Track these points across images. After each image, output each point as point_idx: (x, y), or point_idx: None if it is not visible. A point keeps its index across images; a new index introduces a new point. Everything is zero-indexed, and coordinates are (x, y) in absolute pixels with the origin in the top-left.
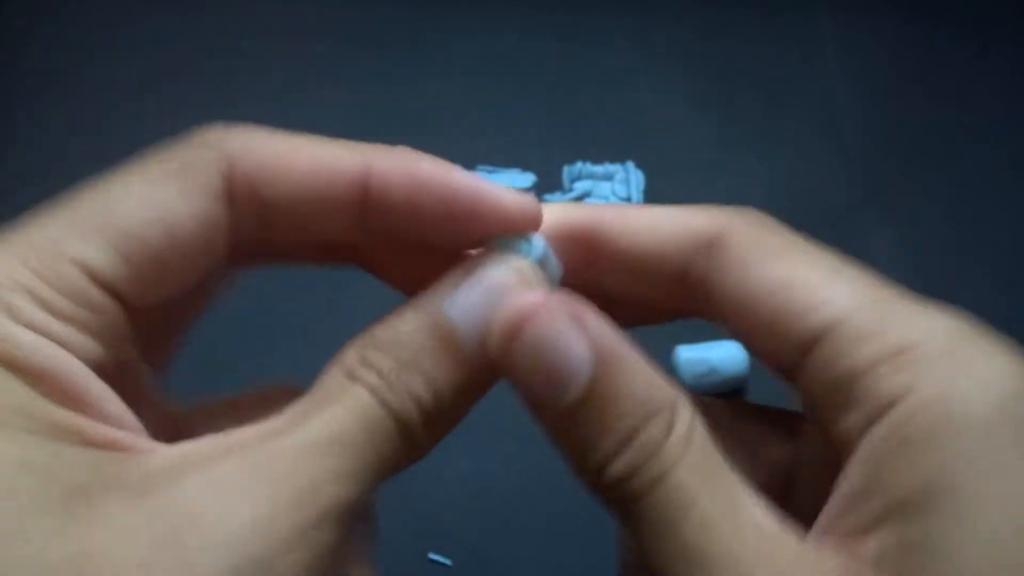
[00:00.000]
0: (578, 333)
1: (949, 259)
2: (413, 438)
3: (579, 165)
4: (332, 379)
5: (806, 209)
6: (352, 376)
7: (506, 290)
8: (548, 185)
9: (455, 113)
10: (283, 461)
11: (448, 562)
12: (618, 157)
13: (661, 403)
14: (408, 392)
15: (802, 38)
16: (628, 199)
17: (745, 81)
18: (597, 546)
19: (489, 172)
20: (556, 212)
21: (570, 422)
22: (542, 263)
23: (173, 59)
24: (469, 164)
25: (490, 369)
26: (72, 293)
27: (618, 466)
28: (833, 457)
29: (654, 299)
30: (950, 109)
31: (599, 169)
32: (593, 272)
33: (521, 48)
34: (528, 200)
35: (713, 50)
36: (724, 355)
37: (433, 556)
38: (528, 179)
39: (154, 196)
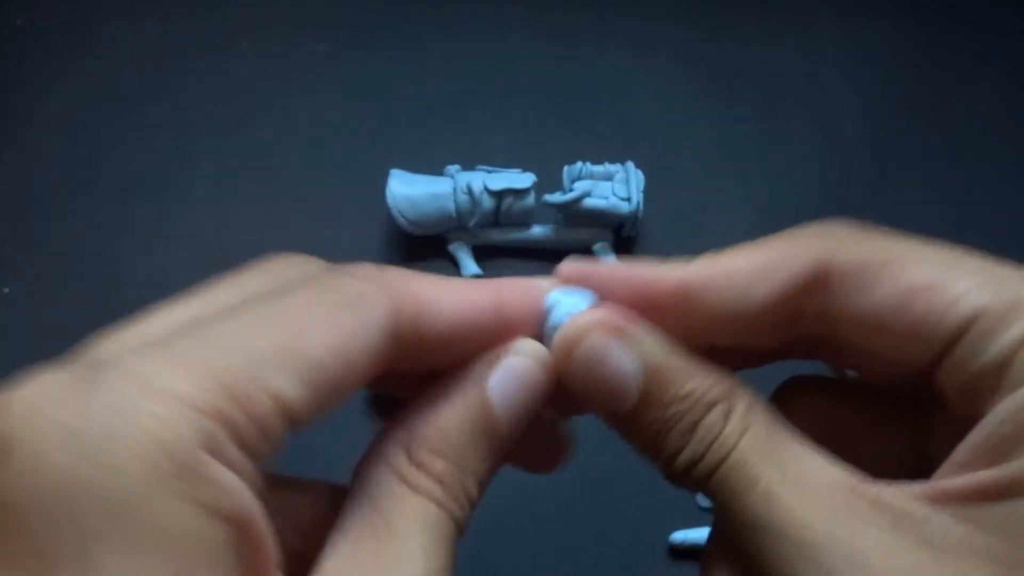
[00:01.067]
0: (623, 346)
1: None
2: (463, 530)
3: (579, 165)
4: (389, 488)
5: (806, 210)
6: (408, 483)
7: (538, 381)
8: (548, 185)
9: (455, 113)
10: None
11: None
12: (618, 157)
13: (716, 396)
14: (464, 493)
15: (802, 38)
16: (628, 199)
17: (745, 81)
18: (597, 546)
19: (489, 172)
20: (640, 276)
21: (634, 425)
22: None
23: (173, 59)
24: (469, 164)
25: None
26: (264, 428)
27: (684, 458)
28: None
29: (763, 347)
30: (950, 109)
31: (599, 169)
32: (694, 334)
33: (521, 48)
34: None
35: (713, 50)
36: None
37: None
38: (528, 179)
39: (338, 325)
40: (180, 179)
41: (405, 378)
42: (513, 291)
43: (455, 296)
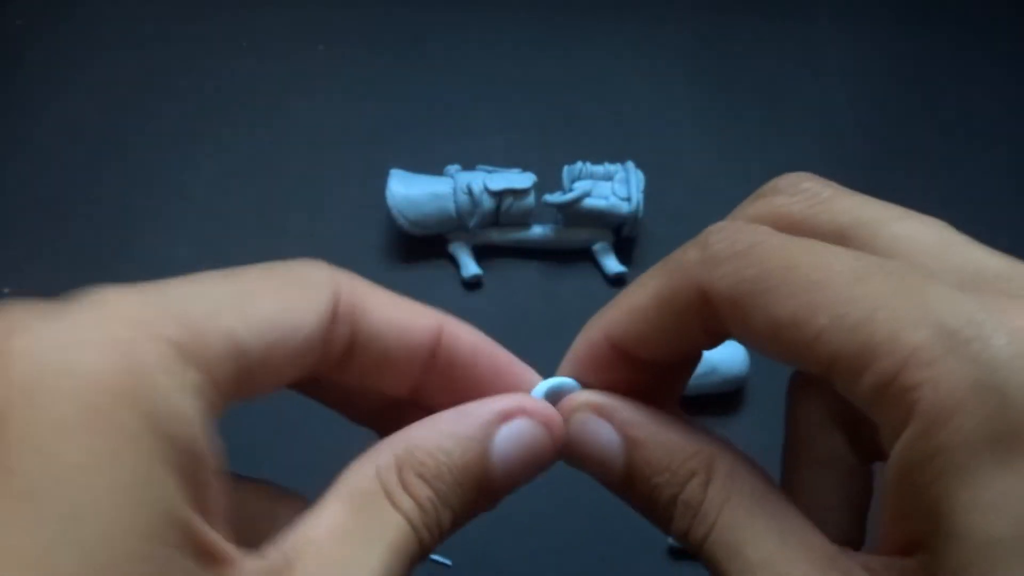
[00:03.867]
0: (602, 422)
1: None
2: (424, 557)
3: (579, 165)
4: (372, 496)
5: None
6: (391, 498)
7: (544, 447)
8: (548, 185)
9: (455, 113)
10: None
11: (448, 562)
12: (618, 157)
13: (694, 466)
14: (438, 523)
15: (802, 39)
16: (628, 199)
17: (745, 81)
18: (597, 546)
19: (489, 172)
20: (584, 348)
21: (629, 495)
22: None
23: (173, 59)
24: (469, 164)
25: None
26: (218, 360)
27: (675, 528)
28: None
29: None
30: (950, 110)
31: (599, 169)
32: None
33: (521, 48)
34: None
35: (713, 51)
36: (725, 355)
37: (433, 556)
38: (528, 179)
39: (286, 293)
40: (180, 179)
41: (346, 393)
42: (455, 324)
43: (397, 309)
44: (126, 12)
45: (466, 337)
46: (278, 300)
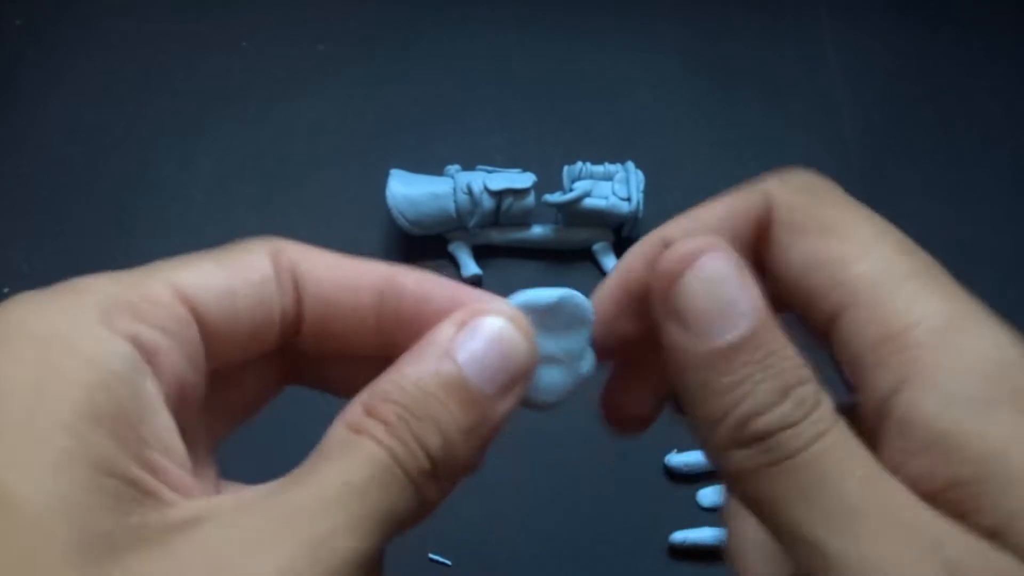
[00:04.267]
0: (748, 279)
1: (949, 260)
2: (424, 488)
3: (579, 165)
4: (338, 434)
5: None
6: (358, 429)
7: (511, 338)
8: (548, 185)
9: (455, 113)
10: (298, 514)
11: (448, 562)
12: (618, 157)
13: (811, 374)
14: (417, 440)
15: (802, 38)
16: (628, 199)
17: (745, 81)
18: (598, 546)
19: (489, 172)
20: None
21: (718, 367)
22: (554, 309)
23: (173, 59)
24: (469, 164)
25: (497, 411)
26: (160, 304)
27: (769, 420)
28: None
29: None
30: (950, 109)
31: (599, 169)
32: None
33: (521, 48)
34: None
35: (713, 50)
36: None
37: (433, 556)
38: (528, 179)
39: (221, 262)
40: (180, 179)
41: (322, 367)
42: (409, 279)
43: (339, 265)
44: (126, 12)
45: (414, 283)
46: (217, 260)
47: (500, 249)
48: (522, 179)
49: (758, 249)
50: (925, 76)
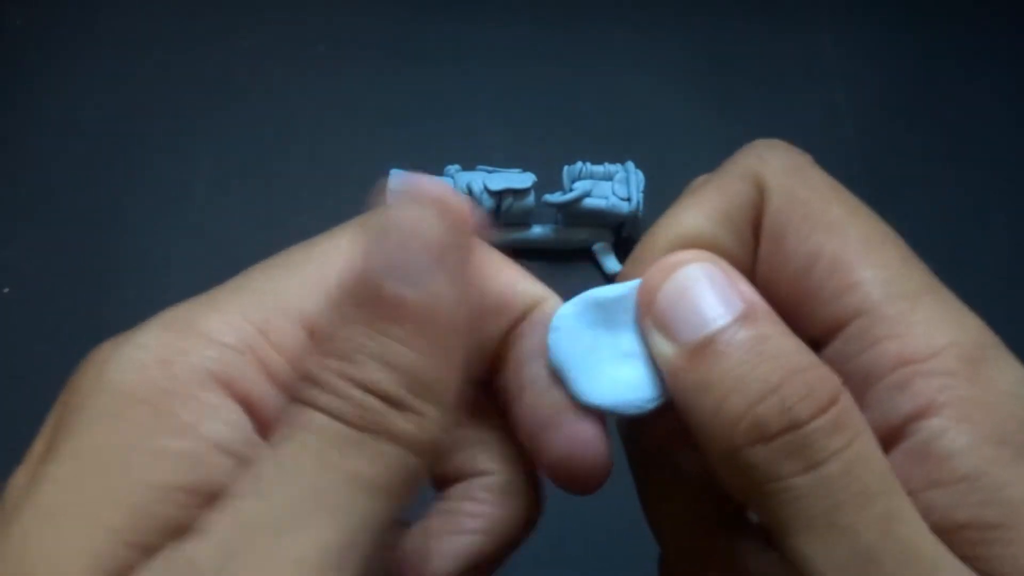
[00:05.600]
0: (725, 277)
1: (949, 259)
2: (403, 439)
3: (579, 165)
4: (284, 411)
5: None
6: (297, 398)
7: (409, 215)
8: (548, 185)
9: (455, 113)
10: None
11: None
12: (618, 157)
13: (816, 358)
14: (355, 382)
15: (802, 38)
16: (628, 199)
17: (745, 81)
18: (597, 547)
19: (489, 172)
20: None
21: (709, 364)
22: (622, 302)
23: (173, 59)
24: (469, 164)
25: (433, 303)
26: (290, 350)
27: (771, 405)
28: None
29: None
30: (950, 109)
31: (599, 169)
32: None
33: (521, 48)
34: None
35: (713, 50)
36: None
37: None
38: (528, 179)
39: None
40: (180, 179)
41: None
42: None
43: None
44: (126, 12)
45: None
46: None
47: (500, 249)
48: (522, 179)
49: (756, 236)
50: (925, 76)
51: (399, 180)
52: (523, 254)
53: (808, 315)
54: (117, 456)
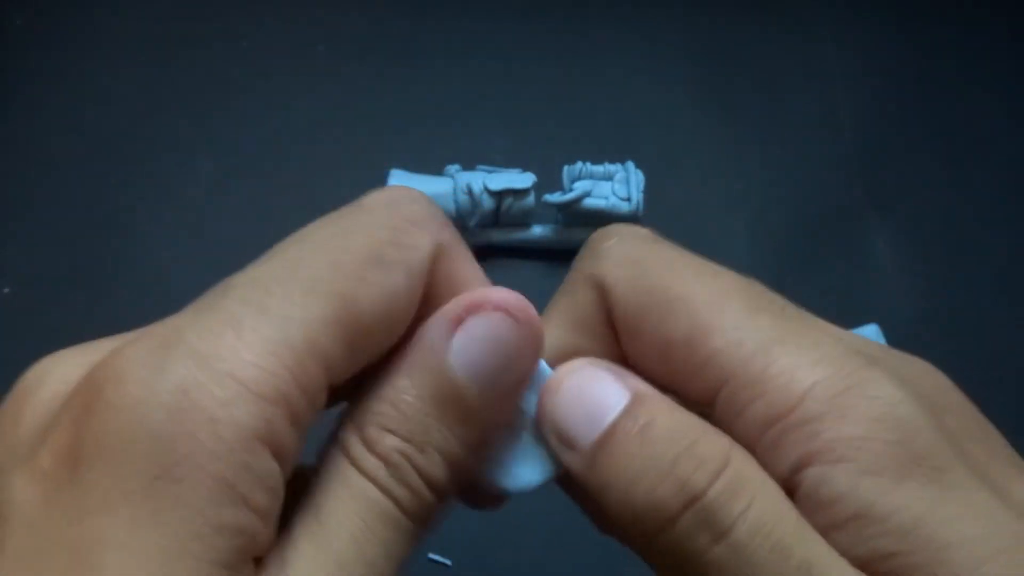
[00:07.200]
0: (603, 373)
1: (949, 259)
2: (429, 519)
3: (579, 165)
4: (336, 470)
5: (806, 209)
6: (356, 463)
7: (510, 335)
8: (548, 185)
9: (455, 113)
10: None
11: (448, 562)
12: (618, 157)
13: (708, 426)
14: (419, 473)
15: (803, 38)
16: (628, 199)
17: (746, 81)
18: (597, 547)
19: (489, 172)
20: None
21: (610, 460)
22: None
23: (173, 59)
24: (469, 164)
25: (503, 414)
26: (315, 400)
27: (670, 485)
28: None
29: None
30: (950, 110)
31: (599, 169)
32: None
33: (521, 48)
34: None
35: (714, 50)
36: None
37: (433, 556)
38: (528, 179)
39: (386, 286)
40: (180, 179)
41: None
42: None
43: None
44: (125, 12)
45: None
46: (383, 292)
47: (500, 249)
48: (522, 179)
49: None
50: (925, 77)
51: (399, 180)
52: (523, 254)
53: (685, 392)
54: (174, 531)
